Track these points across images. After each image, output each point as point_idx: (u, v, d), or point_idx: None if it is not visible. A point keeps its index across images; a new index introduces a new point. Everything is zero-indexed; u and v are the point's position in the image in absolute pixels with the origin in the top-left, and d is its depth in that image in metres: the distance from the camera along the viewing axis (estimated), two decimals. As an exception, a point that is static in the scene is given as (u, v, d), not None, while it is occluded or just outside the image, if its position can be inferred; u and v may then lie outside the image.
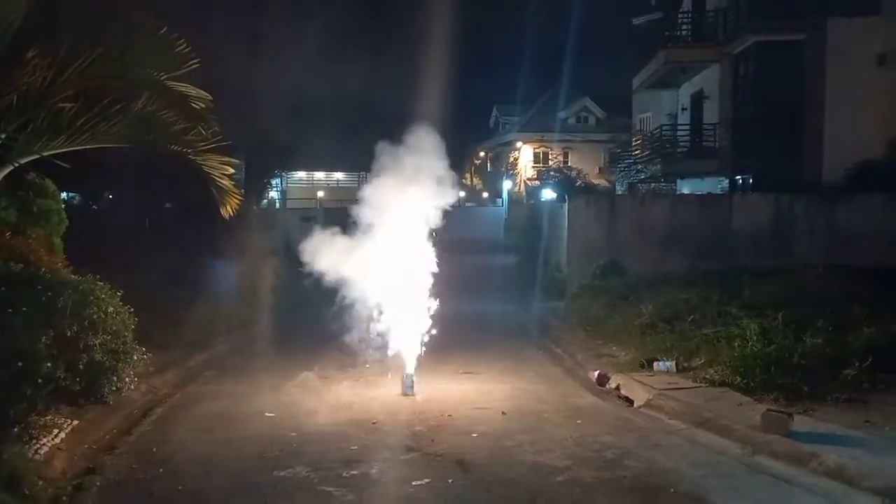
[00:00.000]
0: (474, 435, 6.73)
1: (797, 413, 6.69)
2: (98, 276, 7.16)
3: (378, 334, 8.60)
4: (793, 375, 7.60)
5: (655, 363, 8.98)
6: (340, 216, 9.47)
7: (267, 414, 7.44)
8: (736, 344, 8.63)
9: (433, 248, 8.39)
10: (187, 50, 6.95)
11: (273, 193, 30.72)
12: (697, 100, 21.11)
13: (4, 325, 5.69)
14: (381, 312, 8.53)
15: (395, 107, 8.27)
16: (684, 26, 20.98)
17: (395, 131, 8.34)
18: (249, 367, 9.78)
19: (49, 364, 5.81)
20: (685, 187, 21.77)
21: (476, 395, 8.32)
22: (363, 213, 8.44)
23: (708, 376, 8.26)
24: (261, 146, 20.33)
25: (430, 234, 8.32)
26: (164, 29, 6.76)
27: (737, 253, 14.41)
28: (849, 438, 6.16)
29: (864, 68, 16.68)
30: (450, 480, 5.57)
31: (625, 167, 25.90)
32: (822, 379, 7.59)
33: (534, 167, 39.81)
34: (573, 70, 30.65)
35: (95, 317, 6.45)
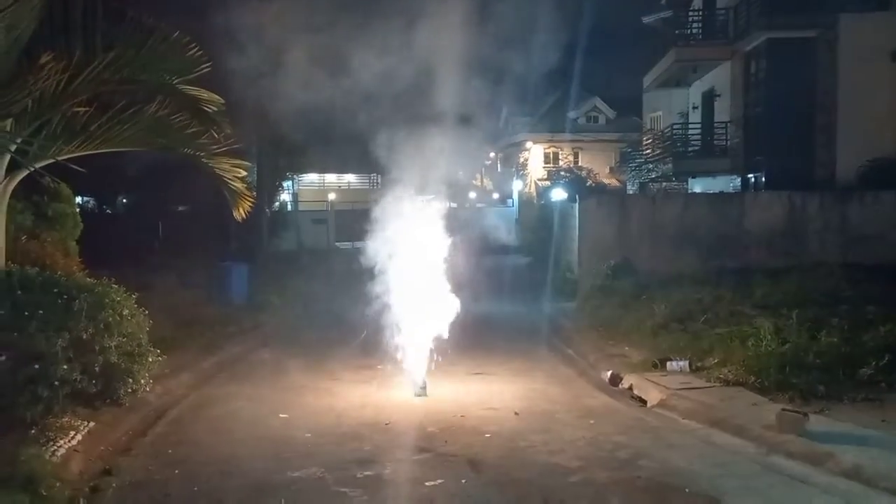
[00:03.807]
0: (487, 435, 6.73)
1: (812, 413, 6.65)
2: (113, 279, 7.21)
3: (390, 336, 8.61)
4: (808, 375, 7.56)
5: (668, 363, 8.94)
6: (352, 218, 9.52)
7: (281, 415, 7.47)
8: (750, 343, 8.59)
9: (453, 250, 8.39)
10: (199, 53, 7.00)
11: (285, 196, 30.82)
12: (708, 98, 21.00)
13: (21, 328, 5.74)
14: (393, 314, 8.54)
15: (406, 107, 8.27)
16: (695, 24, 20.90)
17: (406, 132, 8.35)
18: (263, 369, 9.83)
19: (65, 366, 5.86)
20: (697, 186, 21.66)
21: (488, 395, 8.32)
22: (376, 216, 8.46)
23: (722, 376, 8.22)
24: (273, 148, 20.42)
25: (450, 239, 8.33)
26: (177, 33, 6.81)
27: (749, 252, 14.32)
28: (865, 438, 6.12)
29: (876, 65, 16.54)
30: (463, 481, 5.57)
31: (636, 167, 25.82)
32: (837, 378, 7.55)
33: (544, 167, 39.71)
34: (583, 70, 30.54)
35: (111, 319, 6.49)
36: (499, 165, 48.60)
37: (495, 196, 43.86)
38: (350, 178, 37.62)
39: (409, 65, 8.20)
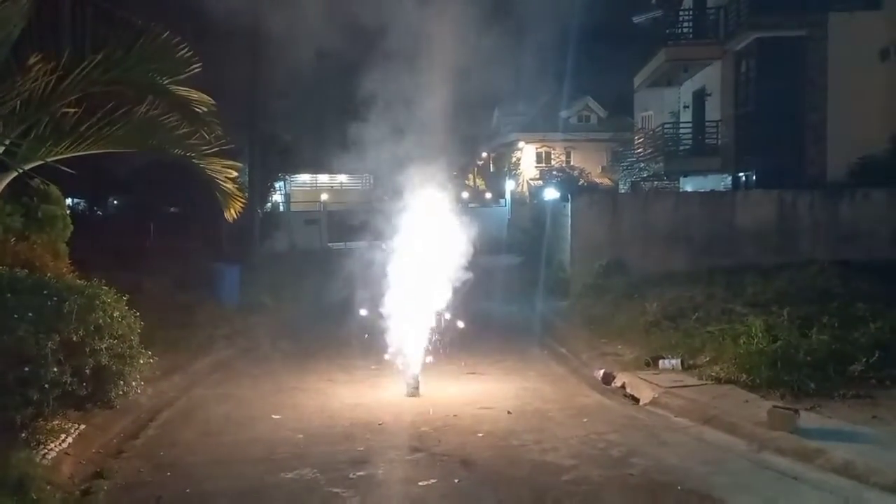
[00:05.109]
0: (480, 435, 6.73)
1: (803, 409, 6.69)
2: (104, 281, 7.16)
3: (383, 336, 8.61)
4: (799, 372, 7.60)
5: (661, 361, 8.97)
6: (344, 218, 9.53)
7: (273, 416, 7.46)
8: (741, 341, 8.62)
9: (446, 252, 8.38)
10: (189, 54, 6.96)
11: (277, 196, 30.75)
12: (699, 97, 21.08)
13: (11, 330, 5.69)
14: (385, 315, 8.54)
15: (399, 110, 8.27)
16: (685, 24, 20.98)
17: (398, 135, 8.35)
18: (255, 371, 9.80)
19: (56, 369, 5.80)
20: (688, 185, 21.74)
21: (481, 395, 8.32)
22: (370, 218, 8.47)
23: (713, 374, 8.26)
24: (264, 149, 20.38)
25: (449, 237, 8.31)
26: (167, 33, 6.77)
27: (741, 250, 14.39)
28: (856, 434, 6.16)
29: (866, 64, 16.66)
30: (456, 480, 5.58)
31: (627, 166, 25.90)
32: (828, 375, 7.59)
33: (536, 167, 39.76)
34: (574, 69, 30.62)
35: (101, 321, 6.43)
36: (491, 165, 48.65)
37: (488, 196, 43.91)
38: (342, 179, 37.53)
39: (404, 66, 8.20)
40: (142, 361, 7.05)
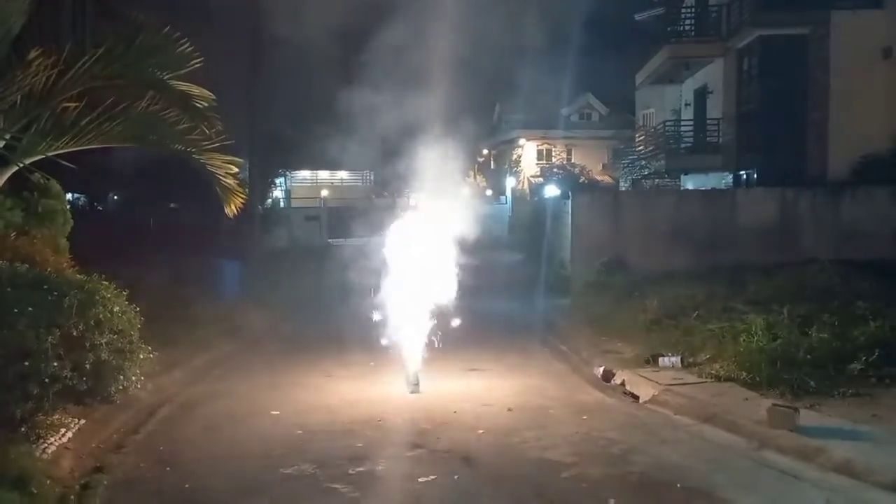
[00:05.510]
0: (480, 431, 6.73)
1: (803, 408, 6.68)
2: (104, 276, 7.16)
3: (383, 332, 8.60)
4: (799, 370, 7.60)
5: (661, 359, 8.97)
6: (345, 215, 9.53)
7: (273, 412, 7.46)
8: (741, 339, 8.62)
9: (446, 248, 8.37)
10: (190, 49, 6.94)
11: (278, 192, 30.73)
12: (701, 95, 21.02)
13: (11, 325, 5.69)
14: (386, 310, 8.53)
15: (397, 106, 8.27)
16: (687, 21, 20.91)
17: (398, 131, 8.35)
18: (255, 366, 9.80)
19: (56, 363, 5.81)
20: (689, 183, 21.69)
21: (481, 391, 8.32)
22: (370, 213, 8.46)
23: (713, 371, 8.25)
24: (265, 145, 20.37)
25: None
26: (167, 28, 6.76)
27: (742, 248, 14.36)
28: (856, 433, 6.15)
29: (869, 62, 16.59)
30: (456, 477, 5.58)
31: (628, 163, 25.85)
32: (828, 374, 7.59)
33: (537, 164, 39.70)
34: (576, 67, 30.54)
35: (101, 316, 6.43)
36: (492, 163, 48.59)
37: (489, 193, 43.87)
38: (343, 175, 37.50)
39: (403, 61, 8.19)
40: (142, 356, 7.05)
